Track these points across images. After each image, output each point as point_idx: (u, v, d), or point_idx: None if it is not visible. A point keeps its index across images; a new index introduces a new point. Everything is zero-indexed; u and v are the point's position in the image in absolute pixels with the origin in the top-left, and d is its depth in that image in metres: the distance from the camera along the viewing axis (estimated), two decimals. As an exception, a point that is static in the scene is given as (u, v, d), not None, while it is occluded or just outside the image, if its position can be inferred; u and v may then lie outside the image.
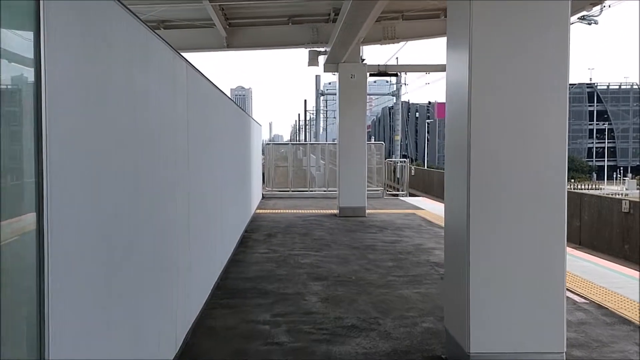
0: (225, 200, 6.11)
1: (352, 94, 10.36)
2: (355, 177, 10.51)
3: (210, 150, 5.06)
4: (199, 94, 4.53)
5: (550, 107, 3.27)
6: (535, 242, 3.25)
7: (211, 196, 5.01)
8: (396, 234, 8.31)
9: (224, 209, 5.92)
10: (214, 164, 5.27)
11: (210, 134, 5.00)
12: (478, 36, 3.23)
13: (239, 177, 7.93)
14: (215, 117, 5.41)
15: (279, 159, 17.69)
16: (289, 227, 9.04)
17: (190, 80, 4.13)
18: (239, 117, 7.95)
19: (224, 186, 5.94)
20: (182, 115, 3.72)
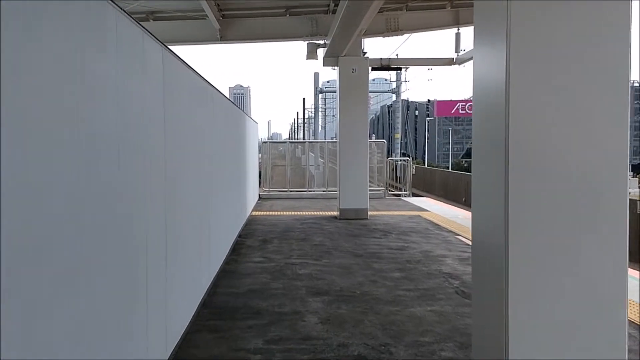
0: (215, 205, 5.51)
1: (353, 89, 9.75)
2: (357, 177, 9.91)
3: (195, 149, 4.46)
4: (180, 85, 3.92)
5: (608, 104, 2.66)
6: (591, 258, 2.65)
7: (196, 201, 4.40)
8: (402, 239, 7.71)
9: (213, 215, 5.32)
10: (200, 164, 4.66)
11: (195, 131, 4.40)
12: (518, 29, 2.65)
13: (232, 179, 7.33)
14: (202, 113, 4.81)
15: (276, 158, 17.10)
16: (287, 231, 8.43)
17: (168, 69, 3.53)
18: (231, 114, 7.33)
19: (213, 189, 5.34)
20: (155, 108, 3.11)
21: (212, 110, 5.34)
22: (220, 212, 5.84)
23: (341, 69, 9.79)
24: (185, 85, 4.04)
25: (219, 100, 5.90)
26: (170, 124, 3.49)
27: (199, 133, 4.56)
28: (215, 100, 5.59)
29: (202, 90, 4.72)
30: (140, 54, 2.84)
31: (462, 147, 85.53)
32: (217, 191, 5.64)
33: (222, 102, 6.15)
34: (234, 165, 7.60)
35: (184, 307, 3.83)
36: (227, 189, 6.66)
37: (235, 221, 7.55)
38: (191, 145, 4.18)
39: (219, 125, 5.83)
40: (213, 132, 5.36)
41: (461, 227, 8.76)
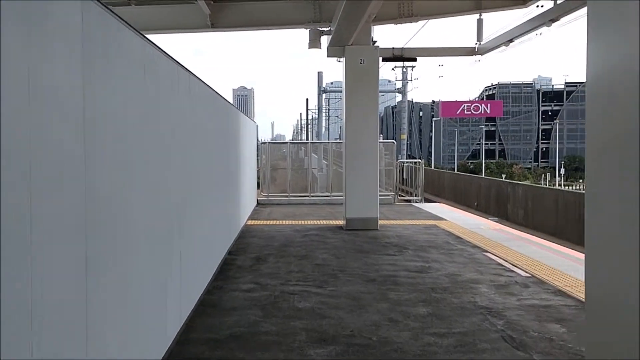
0: (192, 223, 4.36)
1: (361, 82, 8.59)
2: (366, 183, 8.74)
3: (165, 151, 3.32)
4: (140, 67, 2.79)
5: None
6: None
7: (158, 224, 3.26)
8: (420, 256, 6.53)
9: (188, 238, 4.17)
10: (172, 170, 3.52)
11: (157, 128, 3.26)
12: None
13: (220, 186, 6.18)
14: (173, 106, 3.67)
15: (278, 160, 15.96)
16: (285, 245, 7.27)
17: (119, 45, 2.41)
18: (221, 110, 6.19)
19: (189, 203, 4.20)
20: (92, 98, 1.99)
21: (190, 104, 4.20)
22: (200, 231, 4.69)
23: (348, 59, 8.63)
24: (148, 68, 2.90)
25: (204, 94, 4.76)
26: (122, 119, 2.36)
27: (166, 131, 3.41)
28: (195, 92, 4.45)
29: (169, 75, 3.58)
30: (63, 19, 1.70)
31: (468, 149, 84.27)
32: (196, 205, 4.49)
33: (205, 95, 5.00)
34: (224, 169, 6.45)
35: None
36: (215, 199, 5.50)
37: (223, 237, 6.40)
38: (150, 147, 3.03)
39: (204, 123, 4.68)
40: (195, 131, 4.21)
41: (487, 240, 7.58)
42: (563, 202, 14.30)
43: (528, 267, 5.89)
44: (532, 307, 4.45)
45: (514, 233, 8.43)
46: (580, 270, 5.72)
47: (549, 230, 14.91)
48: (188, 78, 4.22)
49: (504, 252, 6.69)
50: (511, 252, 6.74)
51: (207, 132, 5.08)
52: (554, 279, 5.37)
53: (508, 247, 7.07)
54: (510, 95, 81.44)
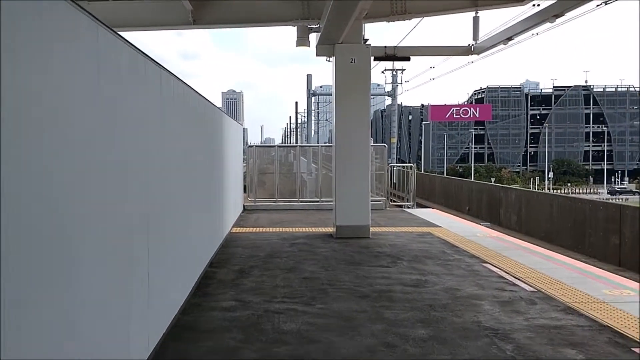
0: (166, 232, 3.89)
1: (352, 82, 8.17)
2: (357, 188, 8.31)
3: (124, 155, 2.85)
4: (92, 60, 2.33)
5: None
6: None
7: (122, 236, 2.79)
8: (416, 268, 6.10)
9: (161, 249, 3.69)
10: (135, 176, 3.05)
11: (125, 130, 2.80)
12: None
13: (201, 192, 5.70)
14: (143, 107, 3.21)
15: (266, 163, 15.48)
16: (271, 256, 6.80)
17: (46, 16, 1.94)
18: (202, 111, 5.72)
19: (162, 210, 3.73)
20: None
21: (160, 102, 3.73)
22: (174, 244, 4.21)
23: (338, 58, 8.20)
24: (82, 47, 2.43)
25: (175, 90, 4.28)
26: (60, 112, 1.89)
27: (125, 133, 2.94)
28: (169, 90, 3.98)
29: (133, 68, 3.11)
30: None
31: (457, 152, 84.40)
32: (170, 215, 4.01)
33: (181, 94, 4.53)
34: (205, 174, 5.97)
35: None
36: (191, 208, 5.02)
37: (204, 248, 5.91)
38: (103, 151, 2.56)
39: (173, 124, 4.20)
40: (160, 132, 3.74)
41: (484, 250, 7.17)
42: (557, 207, 13.99)
43: (532, 280, 5.49)
44: (542, 328, 4.03)
45: (512, 241, 8.04)
46: (588, 284, 5.33)
47: (542, 236, 14.60)
48: (159, 74, 3.75)
49: (504, 263, 6.29)
50: (512, 262, 6.34)
51: (182, 134, 4.60)
52: (561, 293, 4.97)
53: (508, 257, 6.67)
54: (499, 99, 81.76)
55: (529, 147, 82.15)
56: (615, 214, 11.61)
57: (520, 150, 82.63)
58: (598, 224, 12.13)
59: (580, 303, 4.66)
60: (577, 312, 4.41)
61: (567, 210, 13.47)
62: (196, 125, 5.45)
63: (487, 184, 23.34)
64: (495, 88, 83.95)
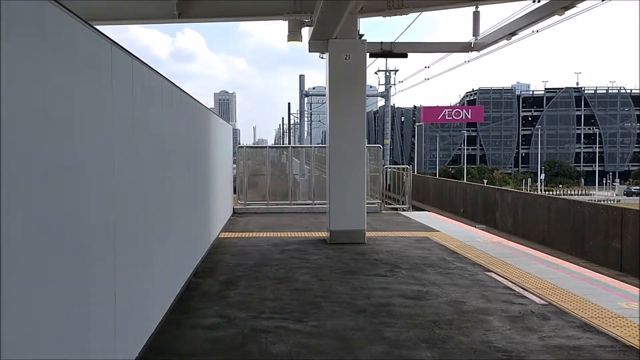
0: (139, 244, 3.44)
1: (347, 80, 7.75)
2: (352, 191, 7.89)
3: (82, 154, 2.41)
4: (36, 38, 1.89)
5: None
6: None
7: (77, 251, 2.34)
8: (416, 278, 5.68)
9: (133, 264, 3.25)
10: (104, 178, 2.61)
11: (84, 127, 2.35)
12: None
13: (184, 196, 5.25)
14: (106, 101, 2.77)
15: (258, 165, 15.03)
16: (260, 264, 6.35)
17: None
18: (185, 109, 5.27)
19: (133, 219, 3.28)
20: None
21: (129, 96, 3.29)
22: (150, 256, 3.76)
23: (331, 55, 7.78)
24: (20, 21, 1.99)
25: (151, 84, 3.84)
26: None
27: (84, 130, 2.50)
28: (143, 83, 3.54)
29: (94, 57, 2.67)
30: None
31: (449, 154, 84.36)
32: (144, 224, 3.57)
33: (159, 89, 4.09)
34: (188, 176, 5.52)
35: None
36: (171, 214, 4.58)
37: (187, 257, 5.46)
38: (48, 146, 2.12)
39: (147, 119, 3.76)
40: (129, 130, 3.29)
41: (487, 256, 6.78)
42: (556, 210, 13.66)
43: (541, 291, 5.09)
44: (560, 350, 3.62)
45: (514, 247, 7.66)
46: (602, 295, 4.94)
47: (540, 239, 14.27)
48: (130, 64, 3.31)
49: (509, 272, 5.89)
50: (517, 271, 5.95)
51: (161, 133, 4.16)
52: (575, 307, 4.57)
53: (512, 265, 6.28)
54: (491, 101, 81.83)
55: (520, 149, 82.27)
56: (616, 217, 11.27)
57: (512, 151, 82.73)
58: (598, 227, 11.81)
59: (597, 318, 4.27)
60: (595, 330, 4.02)
61: (565, 213, 13.15)
62: (178, 123, 5.00)
63: (482, 185, 23.04)
64: (487, 90, 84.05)
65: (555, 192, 59.93)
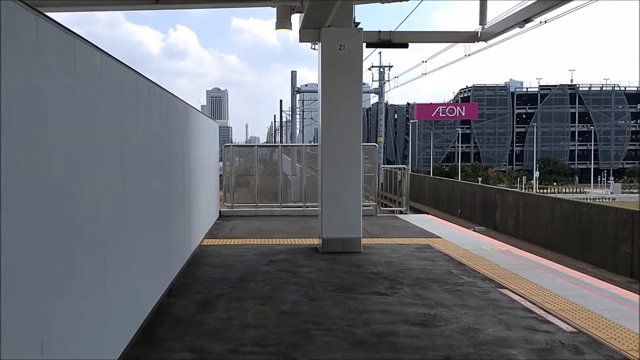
0: (93, 265, 2.72)
1: (341, 72, 7.03)
2: (346, 195, 7.18)
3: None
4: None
5: None
6: None
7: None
8: (421, 296, 4.98)
9: (80, 290, 2.53)
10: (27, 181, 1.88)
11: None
12: None
13: (156, 202, 4.53)
14: (22, 77, 2.04)
15: (246, 164, 14.30)
16: (244, 279, 5.63)
17: None
18: (157, 103, 4.54)
19: (76, 232, 2.56)
20: None
21: (64, 77, 2.56)
22: (109, 278, 3.03)
23: (324, 45, 7.06)
24: None
25: (105, 72, 3.11)
26: None
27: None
28: (92, 70, 2.81)
29: (14, 31, 1.94)
30: None
31: (443, 152, 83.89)
32: (100, 239, 2.84)
33: (119, 78, 3.36)
34: (162, 179, 4.78)
35: None
36: (138, 224, 3.85)
37: (158, 275, 4.72)
38: None
39: (99, 114, 3.03)
40: (69, 123, 2.57)
41: (497, 268, 6.10)
42: (560, 212, 13.03)
43: (566, 314, 4.42)
44: (607, 399, 2.94)
45: (526, 256, 6.98)
46: (634, 318, 4.28)
47: (543, 242, 13.66)
48: (72, 44, 2.58)
49: (525, 288, 5.21)
50: (533, 287, 5.27)
51: (119, 130, 3.42)
52: (610, 336, 3.90)
53: (527, 279, 5.60)
54: (485, 98, 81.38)
55: (514, 146, 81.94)
56: (627, 219, 10.66)
57: (506, 149, 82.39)
58: (607, 230, 11.20)
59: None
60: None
61: (570, 215, 12.54)
62: (148, 119, 4.26)
63: (481, 185, 22.42)
64: (481, 87, 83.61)
65: (550, 190, 59.54)
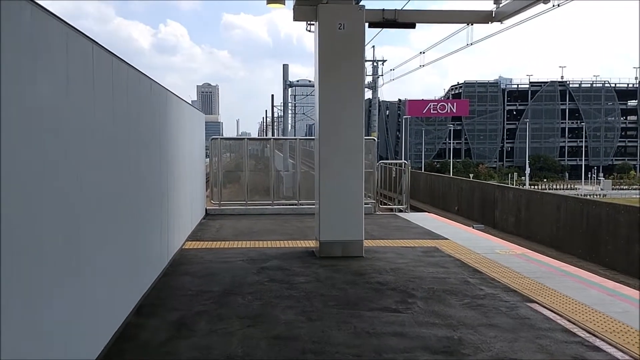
0: (31, 290, 1.91)
1: (341, 55, 6.24)
2: (347, 194, 6.41)
3: None
4: None
5: None
6: None
7: None
8: (438, 313, 4.22)
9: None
10: None
11: None
12: None
13: (121, 203, 3.71)
14: None
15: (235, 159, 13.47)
16: (229, 292, 4.83)
17: None
18: (119, 80, 3.72)
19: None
20: None
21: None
22: (37, 306, 2.22)
23: (322, 23, 6.26)
24: None
25: (28, 19, 2.29)
26: None
27: None
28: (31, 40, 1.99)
29: None
30: None
31: (434, 148, 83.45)
32: (33, 250, 2.03)
33: (53, 33, 2.54)
34: (134, 175, 3.96)
35: None
36: (94, 229, 3.04)
37: (123, 289, 3.91)
38: None
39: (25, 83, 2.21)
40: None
41: (517, 276, 5.35)
42: (566, 210, 12.39)
43: (615, 337, 3.68)
44: None
45: (546, 261, 6.26)
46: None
47: (547, 242, 13.03)
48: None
49: (557, 303, 4.48)
50: (567, 301, 4.54)
51: (73, 108, 2.60)
52: (679, 368, 3.17)
53: (556, 290, 4.86)
54: (476, 95, 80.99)
55: (505, 143, 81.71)
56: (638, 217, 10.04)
57: (496, 145, 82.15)
58: (618, 230, 10.58)
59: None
60: None
61: (577, 214, 11.90)
62: (109, 97, 3.44)
63: (480, 182, 21.76)
64: (472, 83, 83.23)
65: (540, 187, 59.31)
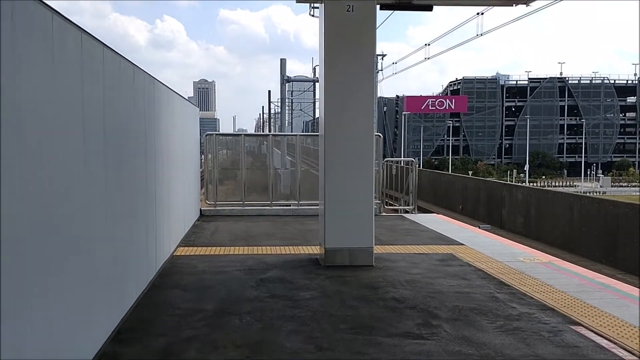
0: None
1: (349, 41, 5.58)
2: (356, 197, 5.76)
3: None
4: None
5: None
6: None
7: None
8: (470, 340, 3.59)
9: None
10: None
11: None
12: None
13: (101, 206, 3.06)
14: None
15: (231, 156, 12.84)
16: (224, 311, 4.18)
17: None
18: (96, 67, 3.06)
19: None
20: None
21: None
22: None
23: (328, 6, 5.59)
24: None
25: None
26: None
27: None
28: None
29: None
30: None
31: (432, 145, 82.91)
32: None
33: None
34: (109, 169, 3.31)
35: None
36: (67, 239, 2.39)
37: (98, 312, 3.26)
38: None
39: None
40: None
41: (550, 289, 4.73)
42: (580, 211, 11.80)
43: (689, 373, 3.06)
44: None
45: (577, 271, 5.63)
46: None
47: (559, 243, 12.44)
48: None
49: (606, 325, 3.85)
50: (616, 322, 3.92)
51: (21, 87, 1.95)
52: None
53: (599, 308, 4.24)
54: (475, 91, 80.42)
55: (504, 140, 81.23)
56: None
57: (495, 142, 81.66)
58: (637, 231, 10.01)
59: None
60: None
61: (593, 214, 11.31)
62: (79, 80, 2.79)
63: (486, 180, 21.18)
64: (471, 79, 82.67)
65: (539, 184, 58.88)
